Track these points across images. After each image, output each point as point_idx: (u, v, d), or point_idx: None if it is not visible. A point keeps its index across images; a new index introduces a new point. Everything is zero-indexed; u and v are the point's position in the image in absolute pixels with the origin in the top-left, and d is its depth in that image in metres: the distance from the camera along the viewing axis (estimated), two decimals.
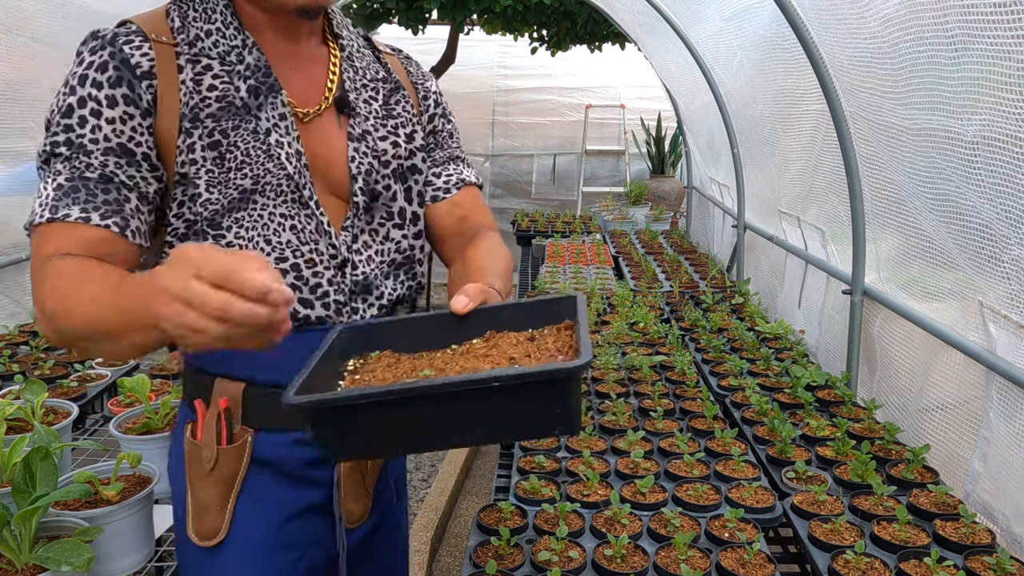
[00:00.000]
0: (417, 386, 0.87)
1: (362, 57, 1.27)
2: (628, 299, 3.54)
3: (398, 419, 0.89)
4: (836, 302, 2.95)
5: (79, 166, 1.04)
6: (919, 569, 1.57)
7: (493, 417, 0.90)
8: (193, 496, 1.20)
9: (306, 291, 1.15)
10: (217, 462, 1.17)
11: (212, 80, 1.11)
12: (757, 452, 2.16)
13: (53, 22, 2.91)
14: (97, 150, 1.04)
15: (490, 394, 0.86)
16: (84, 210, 1.02)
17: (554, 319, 1.08)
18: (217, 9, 1.14)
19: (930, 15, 1.81)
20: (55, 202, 1.02)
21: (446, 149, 1.36)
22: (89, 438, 2.29)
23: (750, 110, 3.92)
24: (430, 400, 0.87)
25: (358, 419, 0.90)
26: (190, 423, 1.21)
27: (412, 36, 6.81)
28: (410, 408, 0.88)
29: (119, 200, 1.05)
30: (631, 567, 1.57)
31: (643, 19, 5.12)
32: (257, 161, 1.11)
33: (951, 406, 2.18)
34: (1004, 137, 1.65)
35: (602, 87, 8.79)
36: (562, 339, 1.03)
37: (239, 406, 1.18)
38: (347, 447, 0.93)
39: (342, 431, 0.91)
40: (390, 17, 6.65)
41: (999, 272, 1.83)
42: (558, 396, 0.89)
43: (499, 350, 1.01)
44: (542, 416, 0.90)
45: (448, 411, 0.89)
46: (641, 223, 6.20)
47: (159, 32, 1.10)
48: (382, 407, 0.88)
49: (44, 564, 1.42)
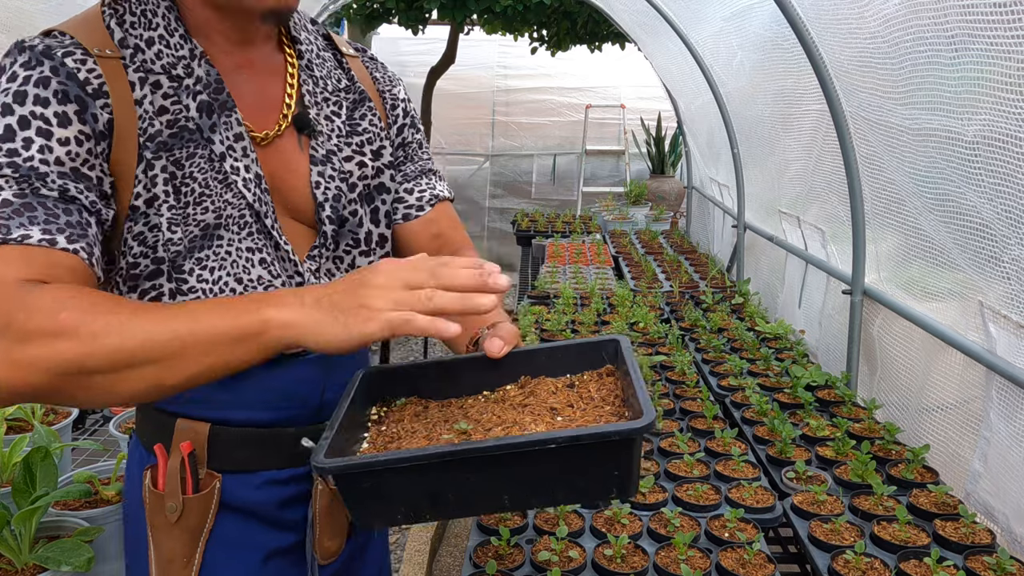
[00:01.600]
0: (463, 449, 0.78)
1: (322, 64, 1.14)
2: (628, 299, 3.54)
3: (442, 482, 0.81)
4: (836, 302, 2.95)
5: (33, 183, 0.86)
6: (919, 569, 1.57)
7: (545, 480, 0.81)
8: (156, 549, 1.07)
9: None
10: (183, 512, 1.05)
11: (162, 100, 0.96)
12: (757, 452, 2.16)
13: (53, 22, 2.91)
14: (51, 173, 0.87)
15: (544, 456, 0.78)
16: (46, 231, 0.84)
17: (594, 364, 1.00)
18: (158, 12, 0.98)
19: (930, 15, 1.80)
20: (4, 221, 0.82)
21: (417, 162, 1.25)
22: (89, 438, 2.29)
23: (750, 110, 3.92)
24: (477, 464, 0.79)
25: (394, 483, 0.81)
26: (149, 468, 1.07)
27: (412, 36, 6.82)
28: (456, 471, 0.80)
29: (82, 224, 0.88)
30: (631, 567, 1.57)
31: (643, 19, 5.13)
32: (216, 192, 0.99)
33: (951, 406, 2.18)
34: (1004, 137, 1.65)
35: (602, 87, 8.79)
36: (606, 386, 0.95)
37: (204, 449, 1.05)
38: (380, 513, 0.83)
39: (375, 495, 0.82)
40: (390, 17, 6.66)
41: (999, 272, 1.83)
42: (619, 459, 0.80)
43: (537, 398, 0.93)
44: (597, 480, 0.81)
45: (496, 474, 0.80)
46: (641, 223, 6.20)
47: (101, 44, 0.94)
48: (424, 471, 0.79)
49: (44, 564, 1.42)
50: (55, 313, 0.78)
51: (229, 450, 1.07)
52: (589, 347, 1.01)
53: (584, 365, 1.00)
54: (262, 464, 1.08)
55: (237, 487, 1.08)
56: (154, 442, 1.07)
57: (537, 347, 1.01)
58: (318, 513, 1.11)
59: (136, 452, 1.12)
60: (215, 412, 1.05)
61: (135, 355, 0.79)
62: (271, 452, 1.08)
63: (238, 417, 1.06)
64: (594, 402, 0.91)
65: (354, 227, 1.12)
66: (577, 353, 1.00)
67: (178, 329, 0.80)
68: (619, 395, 0.91)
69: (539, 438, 0.77)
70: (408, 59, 8.55)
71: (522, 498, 0.84)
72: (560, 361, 1.00)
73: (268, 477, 1.09)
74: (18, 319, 0.77)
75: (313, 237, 1.09)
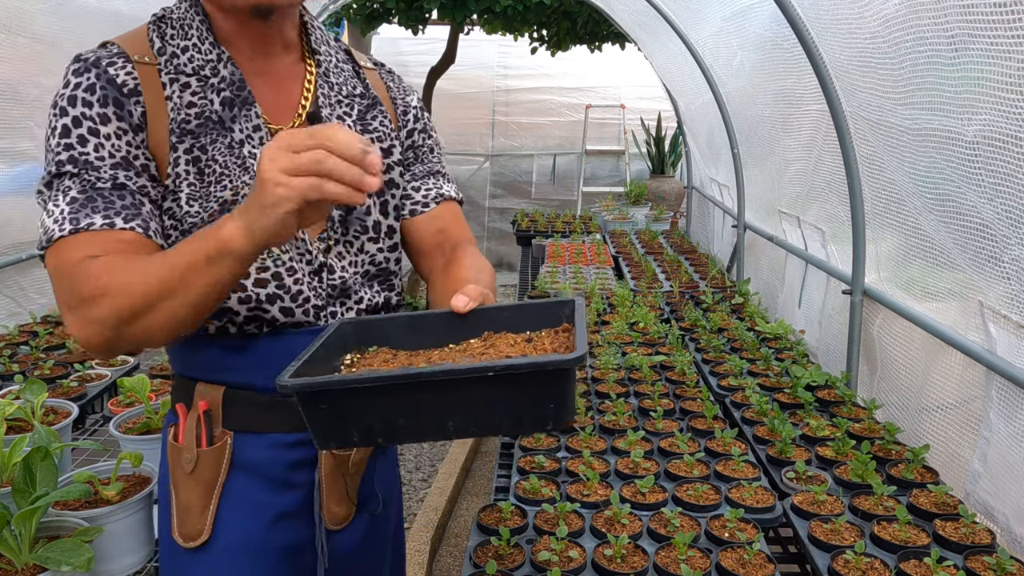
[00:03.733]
0: (408, 373, 0.87)
1: (339, 72, 1.27)
2: (628, 299, 3.54)
3: (390, 407, 0.89)
4: (836, 302, 2.95)
5: (89, 179, 1.05)
6: (919, 569, 1.57)
7: (485, 408, 0.90)
8: (177, 497, 1.21)
9: (287, 299, 1.16)
10: (198, 464, 1.19)
11: (190, 97, 1.13)
12: (757, 452, 2.16)
13: (53, 22, 2.91)
14: (104, 165, 1.06)
15: (482, 384, 0.86)
16: (106, 216, 1.03)
17: (552, 322, 1.08)
18: (193, 25, 1.16)
19: (930, 15, 1.81)
20: (73, 215, 1.03)
21: (426, 164, 1.36)
22: (89, 438, 2.29)
23: (750, 110, 3.92)
24: (423, 388, 0.88)
25: (349, 405, 0.90)
26: (172, 426, 1.23)
27: (412, 36, 6.81)
28: (403, 396, 0.88)
29: (135, 204, 1.07)
30: (631, 567, 1.57)
31: (643, 19, 5.13)
32: (235, 174, 1.13)
33: (951, 406, 2.18)
34: (1004, 137, 1.65)
35: (602, 87, 8.80)
36: (559, 340, 1.03)
37: (219, 409, 1.19)
38: (336, 434, 0.93)
39: (333, 417, 0.91)
40: (390, 17, 6.65)
41: (999, 272, 1.83)
42: (553, 389, 0.89)
43: (496, 349, 1.01)
44: (534, 409, 0.90)
45: (439, 401, 0.89)
46: (641, 223, 6.20)
47: (141, 53, 1.12)
48: (375, 393, 0.88)
49: (44, 564, 1.42)
50: (99, 277, 0.97)
51: (241, 412, 1.19)
52: (549, 306, 1.09)
53: (545, 323, 1.08)
54: (270, 427, 1.19)
55: (247, 447, 1.20)
56: (177, 402, 1.23)
57: (501, 306, 1.09)
58: (323, 477, 1.22)
59: (169, 413, 1.27)
60: (230, 376, 1.19)
61: (152, 292, 0.95)
62: (278, 416, 1.19)
63: (248, 382, 1.18)
64: (546, 352, 0.99)
65: (362, 215, 1.23)
66: (538, 312, 1.09)
67: (175, 263, 0.96)
68: (568, 347, 0.99)
69: (479, 366, 0.86)
70: (408, 59, 8.55)
71: (464, 426, 0.91)
72: (522, 319, 1.08)
73: (275, 440, 1.20)
74: (82, 290, 0.98)
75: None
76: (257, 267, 1.13)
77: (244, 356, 1.17)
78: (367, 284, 1.25)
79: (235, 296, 1.13)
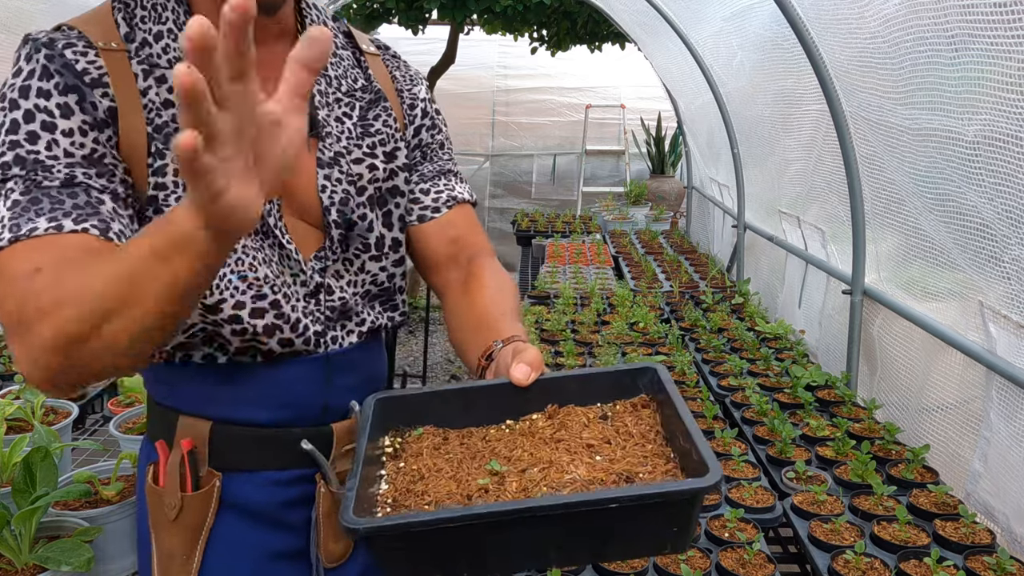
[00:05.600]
0: (513, 508, 0.72)
1: (338, 63, 1.12)
2: (628, 299, 3.54)
3: (483, 540, 0.75)
4: (836, 302, 2.95)
5: (36, 179, 0.87)
6: (919, 569, 1.57)
7: (596, 536, 0.76)
8: (158, 545, 1.08)
9: (287, 330, 1.03)
10: (182, 509, 1.05)
11: (167, 94, 0.96)
12: (757, 452, 2.16)
13: (53, 22, 2.91)
14: (58, 164, 0.88)
15: (601, 513, 0.72)
16: (52, 219, 0.84)
17: (626, 392, 0.93)
18: (168, 6, 0.99)
19: (930, 15, 1.81)
20: (13, 220, 0.84)
21: (436, 162, 1.21)
22: (89, 438, 2.29)
23: (750, 110, 3.92)
24: (529, 524, 0.73)
25: (434, 540, 0.74)
26: (151, 465, 1.08)
27: (412, 36, 6.82)
28: (501, 530, 0.74)
29: (91, 203, 0.88)
30: (631, 567, 1.57)
31: (643, 19, 5.13)
32: None
33: (951, 406, 2.18)
34: (1004, 137, 1.65)
35: (602, 87, 8.80)
36: (643, 420, 0.89)
37: (206, 446, 1.05)
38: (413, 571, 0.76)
39: (409, 555, 0.75)
40: (390, 17, 6.66)
41: (999, 272, 1.83)
42: (679, 515, 0.75)
43: (569, 432, 0.86)
44: (652, 535, 0.76)
45: (545, 532, 0.74)
46: (641, 223, 6.20)
47: (106, 37, 0.95)
48: (466, 530, 0.72)
49: (44, 564, 1.42)
50: (39, 296, 0.79)
51: (231, 449, 1.06)
52: (621, 375, 0.94)
53: (616, 394, 0.93)
54: (264, 464, 1.07)
55: (239, 486, 1.07)
56: (157, 438, 1.07)
57: (564, 374, 0.95)
58: (321, 515, 1.09)
59: (145, 448, 1.12)
60: (217, 410, 1.05)
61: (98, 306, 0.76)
62: (273, 452, 1.07)
63: (239, 416, 1.05)
64: (633, 438, 0.85)
65: (363, 231, 1.10)
66: (608, 381, 0.94)
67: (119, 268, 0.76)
68: (659, 431, 0.86)
69: (600, 497, 0.72)
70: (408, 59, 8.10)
71: (569, 554, 0.79)
72: (590, 389, 0.93)
73: (271, 477, 1.08)
74: (22, 312, 0.79)
75: (323, 238, 1.07)
76: (253, 295, 1.00)
77: (235, 387, 1.04)
78: (368, 304, 1.13)
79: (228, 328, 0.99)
